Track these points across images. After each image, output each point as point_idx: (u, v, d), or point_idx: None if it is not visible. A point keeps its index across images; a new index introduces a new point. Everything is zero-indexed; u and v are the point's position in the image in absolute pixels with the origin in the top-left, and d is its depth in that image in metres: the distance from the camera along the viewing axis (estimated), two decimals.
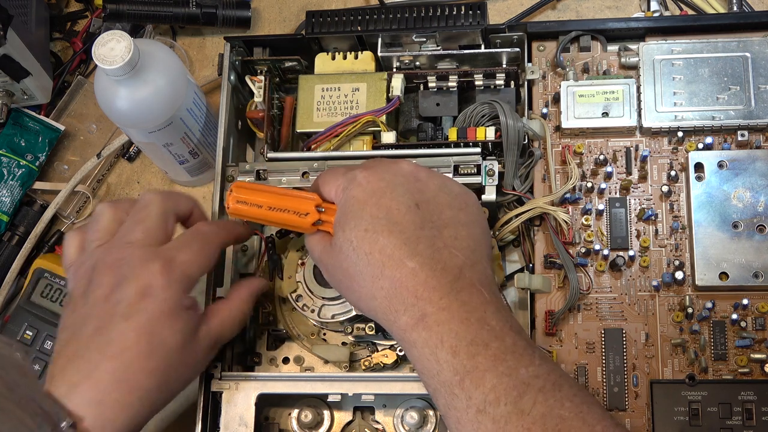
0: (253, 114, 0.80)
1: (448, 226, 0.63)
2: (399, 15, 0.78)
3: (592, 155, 0.76)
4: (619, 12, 0.89)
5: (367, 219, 0.62)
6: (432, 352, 0.59)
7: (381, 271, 0.61)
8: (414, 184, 0.64)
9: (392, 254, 0.61)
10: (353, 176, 0.64)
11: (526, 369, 0.58)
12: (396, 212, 0.62)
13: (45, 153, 0.91)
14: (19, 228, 0.90)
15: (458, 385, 0.58)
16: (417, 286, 0.60)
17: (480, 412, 0.57)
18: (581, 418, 0.57)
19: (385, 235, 0.61)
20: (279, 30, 0.93)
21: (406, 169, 0.65)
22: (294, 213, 0.66)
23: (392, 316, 0.61)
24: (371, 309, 0.63)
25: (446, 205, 0.64)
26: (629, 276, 0.73)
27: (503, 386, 0.57)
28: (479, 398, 0.57)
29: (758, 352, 0.70)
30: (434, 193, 0.64)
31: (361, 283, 0.62)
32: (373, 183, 0.63)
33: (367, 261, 0.61)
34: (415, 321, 0.60)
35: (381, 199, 0.63)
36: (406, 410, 0.72)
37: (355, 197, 0.63)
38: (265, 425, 0.74)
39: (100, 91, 0.76)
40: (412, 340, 0.60)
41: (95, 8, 0.96)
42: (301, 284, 0.73)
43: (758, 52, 0.75)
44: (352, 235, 0.62)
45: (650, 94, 0.75)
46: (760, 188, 0.71)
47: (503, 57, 0.77)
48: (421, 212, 0.63)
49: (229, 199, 0.67)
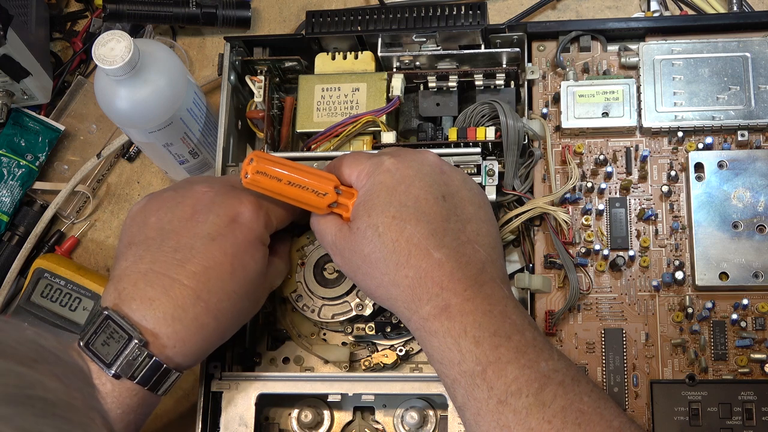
0: (253, 114, 0.80)
1: (471, 221, 0.64)
2: (399, 15, 0.78)
3: (592, 155, 0.76)
4: (619, 12, 0.89)
5: (395, 205, 0.62)
6: (455, 342, 0.59)
7: (407, 260, 0.61)
8: (440, 176, 0.65)
9: (419, 243, 0.61)
10: (380, 161, 0.64)
11: (546, 363, 0.59)
12: (424, 202, 0.63)
13: (45, 153, 0.91)
14: (19, 228, 0.90)
15: (480, 375, 0.58)
16: (443, 277, 0.60)
17: (501, 403, 0.58)
18: (599, 413, 0.58)
19: (413, 224, 0.61)
20: (279, 30, 0.93)
21: (432, 160, 0.66)
22: (312, 191, 0.65)
23: (414, 305, 0.61)
24: (391, 297, 0.63)
25: (468, 201, 0.65)
26: (629, 276, 0.73)
27: (525, 378, 0.58)
28: (501, 389, 0.58)
29: (758, 352, 0.70)
30: (458, 188, 0.65)
31: (384, 270, 0.62)
32: (402, 170, 0.64)
33: (393, 248, 0.61)
34: (439, 311, 0.60)
35: (410, 187, 0.63)
36: (406, 410, 0.72)
37: (383, 183, 0.63)
38: (265, 425, 0.74)
39: (100, 91, 0.76)
40: (433, 329, 0.60)
41: (95, 8, 0.96)
42: (301, 284, 0.73)
43: (758, 52, 0.75)
44: (378, 221, 0.62)
45: (650, 94, 0.75)
46: (760, 188, 0.71)
47: (503, 57, 0.77)
48: (447, 205, 0.63)
49: (249, 168, 0.65)
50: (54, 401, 0.36)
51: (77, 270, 0.85)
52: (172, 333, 0.62)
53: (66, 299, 0.84)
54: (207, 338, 0.64)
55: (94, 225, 0.91)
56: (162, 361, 0.62)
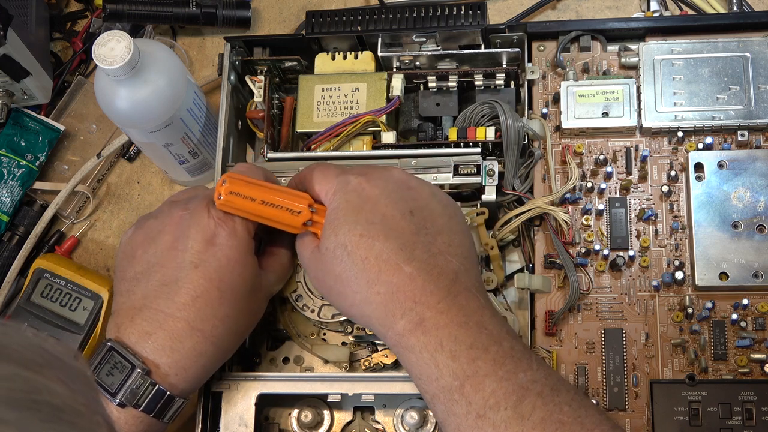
0: (253, 114, 0.80)
1: (442, 233, 0.63)
2: (399, 15, 0.78)
3: (592, 155, 0.76)
4: (619, 12, 0.89)
5: (362, 224, 0.62)
6: (431, 356, 0.59)
7: (377, 276, 0.61)
8: (407, 192, 0.64)
9: (388, 259, 0.61)
10: (346, 180, 0.64)
11: (524, 373, 0.58)
12: (392, 218, 0.62)
13: (45, 153, 0.91)
14: (19, 228, 0.89)
15: (458, 390, 0.58)
16: (415, 291, 0.60)
17: (480, 418, 0.57)
18: (580, 422, 0.57)
19: (381, 240, 0.61)
20: (279, 30, 0.93)
21: (398, 176, 0.65)
22: (287, 210, 0.65)
23: (389, 321, 0.61)
24: (365, 315, 0.62)
25: (438, 213, 0.64)
26: (629, 276, 0.73)
27: (503, 391, 0.57)
28: (479, 403, 0.57)
29: (758, 352, 0.70)
30: (427, 201, 0.65)
31: (355, 288, 0.62)
32: (368, 189, 0.63)
33: (362, 266, 0.61)
34: (414, 325, 0.60)
35: (376, 205, 0.63)
36: (406, 410, 0.72)
37: (349, 202, 0.63)
38: (265, 425, 0.74)
39: (100, 91, 0.76)
40: (410, 345, 0.60)
41: (95, 8, 0.96)
42: (301, 284, 0.73)
43: (758, 52, 0.75)
44: (346, 240, 0.62)
45: (650, 94, 0.75)
46: (760, 188, 0.71)
47: (503, 57, 0.77)
48: (415, 219, 0.63)
49: (221, 189, 0.65)
50: (60, 406, 0.36)
51: (77, 270, 0.85)
52: (172, 362, 0.64)
53: (66, 299, 0.84)
54: (207, 363, 0.66)
55: (94, 225, 0.91)
56: (165, 389, 0.63)
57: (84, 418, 0.37)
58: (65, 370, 0.39)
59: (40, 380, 0.36)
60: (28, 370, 0.36)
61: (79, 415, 0.37)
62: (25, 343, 0.38)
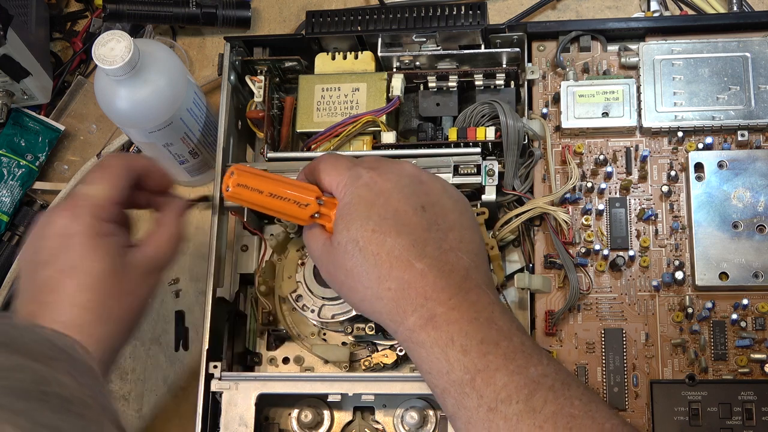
0: (253, 114, 0.80)
1: (453, 229, 0.63)
2: (399, 15, 0.78)
3: (592, 155, 0.76)
4: (619, 12, 0.89)
5: (374, 219, 0.62)
6: (442, 351, 0.59)
7: (389, 272, 0.61)
8: (419, 187, 0.64)
9: (400, 255, 0.61)
10: (358, 174, 0.64)
11: (535, 368, 0.58)
12: (404, 213, 0.62)
13: (45, 153, 0.91)
14: (19, 228, 0.89)
15: (469, 384, 0.58)
16: (426, 287, 0.60)
17: (491, 411, 0.57)
18: (591, 416, 0.57)
19: (394, 236, 0.61)
20: (279, 30, 0.93)
21: (410, 171, 0.65)
22: (294, 202, 0.65)
23: (399, 317, 0.61)
24: (375, 310, 0.62)
25: (450, 208, 0.64)
26: (629, 276, 0.73)
27: (514, 384, 0.57)
28: (491, 396, 0.57)
29: (758, 352, 0.70)
30: (438, 197, 0.65)
31: (366, 284, 0.62)
32: (380, 183, 0.63)
33: (374, 261, 0.61)
34: (425, 321, 0.60)
35: (388, 199, 0.63)
36: (406, 410, 0.72)
37: (361, 197, 0.63)
38: (265, 425, 0.74)
39: (100, 91, 0.76)
40: (420, 340, 0.60)
41: (95, 8, 0.96)
42: (301, 284, 0.73)
43: (758, 52, 0.75)
44: (358, 235, 0.62)
45: (650, 94, 0.75)
46: (760, 188, 0.71)
47: (503, 57, 0.77)
48: (427, 215, 0.63)
49: (229, 182, 0.65)
50: (69, 398, 0.36)
51: None
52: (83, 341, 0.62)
53: None
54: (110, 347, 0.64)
55: None
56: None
57: (91, 409, 0.37)
58: (73, 363, 0.39)
59: (49, 372, 0.37)
60: (37, 362, 0.37)
61: (87, 407, 0.37)
62: (33, 336, 0.39)
